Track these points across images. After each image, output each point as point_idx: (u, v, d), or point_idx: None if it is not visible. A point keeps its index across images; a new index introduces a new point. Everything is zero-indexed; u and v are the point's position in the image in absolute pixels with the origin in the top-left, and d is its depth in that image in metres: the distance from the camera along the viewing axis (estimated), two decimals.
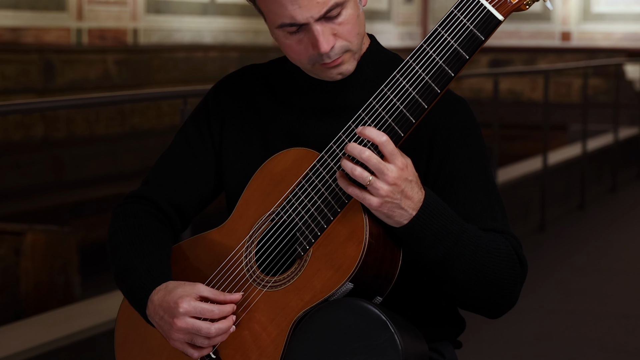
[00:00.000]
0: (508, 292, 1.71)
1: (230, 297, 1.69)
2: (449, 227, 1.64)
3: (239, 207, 1.76)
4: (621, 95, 10.34)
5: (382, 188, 1.59)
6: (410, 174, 1.62)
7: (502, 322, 4.66)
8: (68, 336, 3.47)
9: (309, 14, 1.66)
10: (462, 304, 1.73)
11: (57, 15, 8.90)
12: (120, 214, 1.85)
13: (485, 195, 1.73)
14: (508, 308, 1.74)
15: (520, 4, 1.61)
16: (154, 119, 8.60)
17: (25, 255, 4.73)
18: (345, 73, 1.74)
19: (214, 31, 10.64)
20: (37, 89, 7.86)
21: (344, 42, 1.70)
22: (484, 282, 1.68)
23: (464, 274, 1.66)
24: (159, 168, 1.87)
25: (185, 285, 1.70)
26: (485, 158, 1.78)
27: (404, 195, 1.60)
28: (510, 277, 1.70)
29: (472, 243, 1.66)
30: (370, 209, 1.61)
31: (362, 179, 1.59)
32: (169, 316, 1.67)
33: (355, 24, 1.71)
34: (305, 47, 1.70)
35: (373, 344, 1.60)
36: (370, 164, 1.59)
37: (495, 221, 1.73)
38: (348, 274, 1.62)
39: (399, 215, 1.61)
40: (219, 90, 1.87)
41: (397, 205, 1.60)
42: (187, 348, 1.69)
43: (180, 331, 1.67)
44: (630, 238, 7.11)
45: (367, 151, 1.59)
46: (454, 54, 1.62)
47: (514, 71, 11.20)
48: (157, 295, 1.70)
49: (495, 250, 1.69)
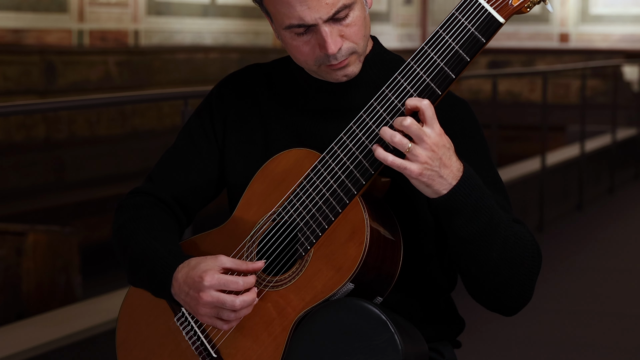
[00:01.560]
0: (528, 281, 1.70)
1: (252, 265, 1.68)
2: (486, 202, 1.64)
3: (240, 207, 1.76)
4: (619, 97, 10.33)
5: (421, 154, 1.58)
6: (447, 141, 1.62)
7: (500, 322, 4.68)
8: (69, 336, 3.47)
9: (317, 15, 1.67)
10: (485, 291, 1.70)
11: (58, 16, 8.88)
12: (127, 205, 1.86)
13: (495, 191, 1.73)
14: (524, 302, 1.72)
15: (522, 7, 1.61)
16: (155, 120, 8.57)
17: (26, 255, 4.73)
18: (351, 75, 1.74)
19: (215, 33, 10.63)
20: (39, 90, 7.84)
21: (351, 44, 1.71)
22: (512, 264, 1.67)
23: (496, 251, 1.65)
24: (163, 165, 1.88)
25: (207, 259, 1.69)
26: (489, 154, 1.79)
27: (442, 163, 1.60)
28: (531, 264, 1.70)
29: (503, 222, 1.66)
30: (411, 177, 1.60)
31: (401, 146, 1.59)
32: (194, 291, 1.67)
33: (362, 25, 1.72)
34: (312, 48, 1.71)
35: (373, 344, 1.60)
36: (411, 131, 1.58)
37: (509, 213, 1.72)
38: (349, 274, 1.62)
39: (439, 184, 1.61)
40: (223, 88, 1.87)
41: (436, 173, 1.60)
42: (216, 321, 1.69)
43: (207, 305, 1.67)
44: (628, 238, 7.11)
45: (408, 119, 1.59)
46: (455, 56, 1.62)
47: (512, 72, 11.19)
48: (180, 273, 1.70)
49: (522, 234, 1.69)
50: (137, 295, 1.84)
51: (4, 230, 4.88)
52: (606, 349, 4.51)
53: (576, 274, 5.87)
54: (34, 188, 7.23)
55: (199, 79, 9.20)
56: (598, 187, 8.82)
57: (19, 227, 5.00)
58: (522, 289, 1.70)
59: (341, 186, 1.65)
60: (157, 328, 1.80)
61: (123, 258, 1.81)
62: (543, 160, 7.33)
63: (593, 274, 5.89)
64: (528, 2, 1.61)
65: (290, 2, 1.67)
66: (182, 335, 1.78)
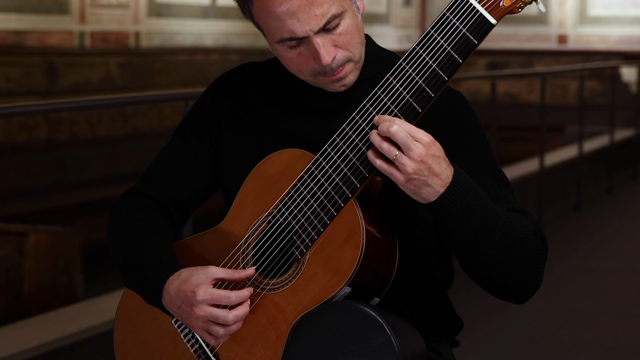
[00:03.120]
0: (534, 269, 1.68)
1: (244, 273, 1.68)
2: (478, 203, 1.61)
3: (234, 208, 1.75)
4: (617, 98, 10.28)
5: (408, 165, 1.55)
6: (438, 149, 1.58)
7: (498, 322, 4.70)
8: (71, 335, 3.49)
9: (307, 27, 1.65)
10: (490, 284, 1.69)
11: (60, 18, 8.84)
12: (121, 208, 1.84)
13: (496, 181, 1.72)
14: (535, 289, 1.71)
15: (513, 7, 1.58)
16: (156, 120, 8.54)
17: (28, 255, 4.73)
18: (349, 84, 1.72)
19: (215, 34, 10.61)
20: (41, 91, 7.82)
21: (346, 53, 1.68)
22: (514, 258, 1.65)
23: (494, 249, 1.63)
24: (158, 165, 1.87)
25: (198, 271, 1.68)
26: (488, 146, 1.76)
27: (432, 172, 1.57)
28: (535, 254, 1.67)
29: (500, 219, 1.63)
30: (397, 184, 1.58)
31: (389, 154, 1.56)
32: (187, 305, 1.67)
33: (355, 33, 1.69)
34: (307, 59, 1.68)
35: (370, 346, 1.60)
36: (398, 139, 1.55)
37: (511, 203, 1.71)
38: (346, 278, 1.61)
39: (426, 193, 1.58)
40: (217, 87, 1.85)
41: (423, 182, 1.57)
42: (205, 335, 1.68)
43: (199, 319, 1.66)
44: (625, 238, 7.10)
45: (395, 125, 1.56)
46: (447, 57, 1.59)
47: (511, 74, 11.17)
48: (172, 286, 1.69)
49: (521, 226, 1.66)
50: (133, 297, 1.82)
51: (6, 231, 4.88)
52: (604, 348, 4.50)
53: (574, 273, 5.86)
54: (35, 188, 7.21)
55: (200, 80, 9.16)
56: (596, 187, 8.80)
57: (20, 227, 5.00)
58: (528, 278, 1.68)
59: (335, 189, 1.64)
60: (155, 330, 1.80)
61: (117, 261, 1.80)
62: (542, 161, 7.34)
63: (591, 274, 5.89)
64: (520, 3, 1.58)
65: (280, 16, 1.65)
66: (181, 337, 1.77)
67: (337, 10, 1.66)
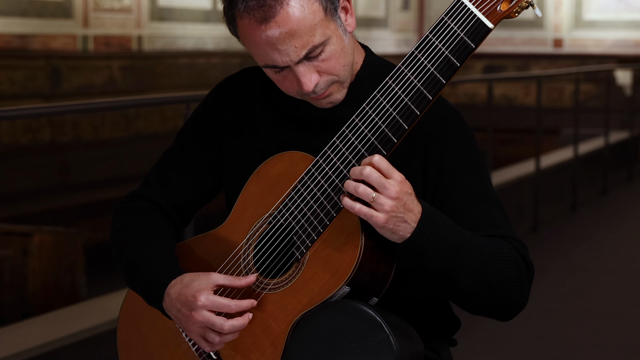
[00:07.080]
0: (516, 295, 1.67)
1: (245, 280, 1.68)
2: (449, 236, 1.62)
3: (235, 210, 1.76)
4: (612, 100, 10.27)
5: (386, 203, 1.57)
6: (408, 187, 1.60)
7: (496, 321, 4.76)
8: (74, 334, 3.51)
9: (287, 58, 1.64)
10: (471, 310, 1.70)
11: (63, 22, 8.78)
12: (124, 210, 1.84)
13: (485, 205, 1.71)
14: (518, 310, 1.71)
15: (510, 12, 1.60)
16: (158, 123, 8.52)
17: (32, 255, 4.72)
18: (335, 102, 1.72)
19: (216, 38, 10.59)
20: (44, 94, 7.81)
21: (329, 77, 1.68)
22: (490, 287, 1.65)
23: (468, 281, 1.63)
24: (160, 168, 1.87)
25: (200, 277, 1.69)
26: (482, 167, 1.74)
27: (407, 208, 1.59)
28: (516, 279, 1.67)
29: (473, 250, 1.63)
30: (377, 227, 1.59)
31: (365, 196, 1.57)
32: (186, 309, 1.67)
33: (339, 57, 1.67)
34: (291, 83, 1.69)
35: (368, 345, 1.60)
36: (372, 180, 1.57)
37: (498, 227, 1.70)
38: (345, 278, 1.62)
39: (403, 229, 1.59)
40: (219, 93, 1.85)
41: (401, 219, 1.58)
42: (201, 341, 1.69)
43: (197, 324, 1.67)
44: (620, 239, 7.10)
45: (367, 168, 1.57)
46: (445, 61, 1.60)
47: (507, 77, 11.17)
48: (173, 289, 1.69)
49: (497, 254, 1.66)
50: (136, 297, 1.83)
51: (10, 231, 4.88)
52: (600, 348, 4.51)
53: (569, 273, 5.87)
54: (39, 190, 7.19)
55: (201, 84, 9.11)
56: (591, 189, 8.80)
57: (24, 228, 5.00)
58: (509, 303, 1.69)
59: (335, 190, 1.64)
60: (158, 329, 1.81)
61: (119, 263, 1.81)
62: (537, 163, 7.35)
63: (586, 274, 5.89)
64: (516, 7, 1.59)
65: (261, 46, 1.64)
66: (183, 336, 1.78)
67: (319, 40, 1.64)
